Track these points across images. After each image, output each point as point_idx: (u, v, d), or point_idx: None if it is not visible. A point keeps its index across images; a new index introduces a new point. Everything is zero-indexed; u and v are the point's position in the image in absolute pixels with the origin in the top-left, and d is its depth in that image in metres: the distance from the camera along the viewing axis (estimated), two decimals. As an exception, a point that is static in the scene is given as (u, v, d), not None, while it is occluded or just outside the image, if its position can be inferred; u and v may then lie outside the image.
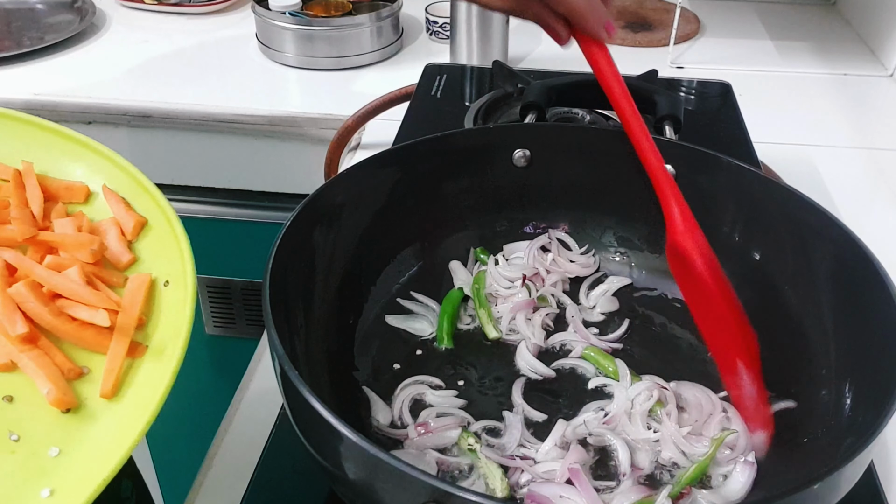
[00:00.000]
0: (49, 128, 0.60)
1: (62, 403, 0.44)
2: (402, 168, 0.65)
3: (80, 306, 0.49)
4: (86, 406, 0.45)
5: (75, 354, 0.48)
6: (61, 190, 0.58)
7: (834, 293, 0.56)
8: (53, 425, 0.44)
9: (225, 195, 1.18)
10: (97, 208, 0.58)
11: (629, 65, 1.23)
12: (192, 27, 1.37)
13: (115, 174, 0.58)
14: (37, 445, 0.43)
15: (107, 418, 0.44)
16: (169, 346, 0.47)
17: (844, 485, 0.42)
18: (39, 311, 0.48)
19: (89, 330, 0.48)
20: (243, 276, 1.24)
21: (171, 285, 0.51)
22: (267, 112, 1.10)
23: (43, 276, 0.50)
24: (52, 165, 0.59)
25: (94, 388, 0.46)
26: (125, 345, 0.47)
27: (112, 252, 0.54)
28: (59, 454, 0.42)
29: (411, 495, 0.38)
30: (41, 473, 0.41)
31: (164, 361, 0.46)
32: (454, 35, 1.16)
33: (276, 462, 0.56)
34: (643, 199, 0.65)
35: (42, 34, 1.29)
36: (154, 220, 0.55)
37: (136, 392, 0.45)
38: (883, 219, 0.91)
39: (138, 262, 0.54)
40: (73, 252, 0.53)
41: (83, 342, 0.48)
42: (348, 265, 0.62)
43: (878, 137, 1.07)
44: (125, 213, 0.56)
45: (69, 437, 0.43)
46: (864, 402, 0.49)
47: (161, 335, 0.48)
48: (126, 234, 0.55)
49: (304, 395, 0.41)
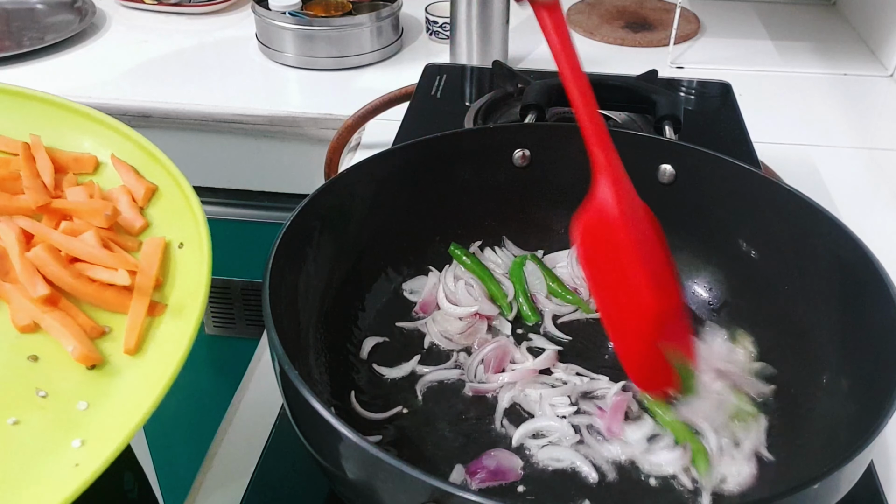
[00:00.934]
0: (54, 102, 0.61)
1: (87, 360, 0.45)
2: (401, 168, 0.65)
3: (98, 268, 0.50)
4: (110, 362, 0.46)
5: (96, 316, 0.49)
6: (70, 161, 0.58)
7: (834, 293, 0.56)
8: (80, 381, 0.45)
9: (225, 195, 1.18)
10: (107, 178, 0.58)
11: (629, 65, 1.24)
12: (192, 27, 1.37)
13: (124, 144, 0.59)
14: (65, 401, 0.44)
15: (132, 373, 0.45)
16: (188, 304, 0.48)
17: (844, 484, 0.42)
18: (59, 274, 0.49)
19: (109, 290, 0.49)
20: (243, 276, 1.24)
21: (186, 247, 0.52)
22: (267, 112, 1.10)
23: (60, 240, 0.51)
24: (59, 139, 0.60)
25: (116, 346, 0.47)
26: (145, 303, 0.48)
27: (124, 218, 0.54)
28: (87, 408, 0.43)
29: (411, 495, 0.38)
30: (71, 426, 0.42)
31: (184, 318, 0.47)
32: (454, 35, 1.16)
33: (276, 462, 0.56)
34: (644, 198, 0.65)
35: (42, 34, 1.29)
36: (164, 187, 0.56)
37: (159, 348, 0.46)
38: (883, 219, 0.91)
39: (151, 227, 0.55)
40: (88, 218, 0.53)
41: (104, 303, 0.49)
42: (348, 265, 0.62)
43: (879, 137, 1.07)
44: (135, 180, 0.56)
45: (96, 391, 0.44)
46: (864, 402, 0.49)
47: (179, 294, 0.49)
48: (137, 200, 0.55)
49: (304, 395, 0.41)
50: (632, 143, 0.65)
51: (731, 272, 0.65)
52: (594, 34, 1.32)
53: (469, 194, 0.69)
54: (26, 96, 0.61)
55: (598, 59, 1.25)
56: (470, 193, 0.69)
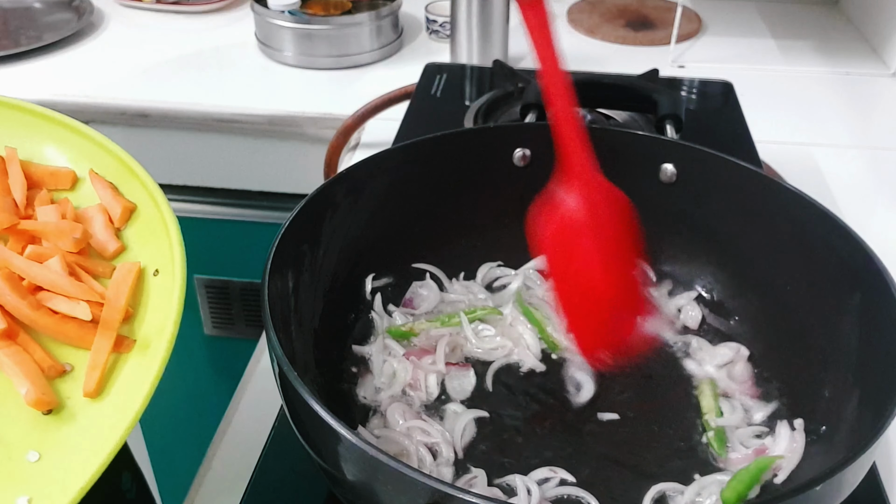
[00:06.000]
0: (34, 111, 0.57)
1: (41, 404, 0.41)
2: (401, 168, 0.64)
3: (61, 299, 0.46)
4: (67, 406, 0.42)
5: (58, 351, 0.45)
6: (46, 176, 0.55)
7: (836, 293, 0.56)
8: (32, 427, 0.41)
9: (224, 195, 1.17)
10: (84, 194, 0.54)
11: (630, 64, 1.24)
12: (191, 26, 1.37)
13: (103, 158, 0.55)
14: (13, 450, 0.40)
15: (88, 419, 0.42)
16: (154, 341, 0.43)
17: (847, 486, 0.41)
18: (17, 305, 0.45)
19: (71, 323, 0.45)
20: (242, 277, 1.24)
21: (161, 274, 0.47)
22: (266, 112, 1.09)
23: (21, 266, 0.47)
24: (36, 151, 0.56)
25: (76, 387, 0.43)
26: (111, 339, 0.44)
27: (98, 240, 0.51)
28: (38, 459, 0.40)
29: (411, 497, 0.38)
30: (18, 480, 0.39)
31: (149, 356, 0.43)
32: (454, 34, 1.16)
33: (276, 463, 0.56)
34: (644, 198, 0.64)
35: (40, 33, 1.28)
36: (143, 206, 0.52)
37: (121, 390, 0.42)
38: (885, 219, 0.91)
39: (127, 250, 0.51)
40: (56, 241, 0.49)
41: (65, 337, 0.45)
42: (348, 265, 0.62)
43: (881, 137, 1.07)
44: (112, 198, 0.52)
45: (49, 439, 0.41)
46: (867, 403, 0.48)
47: (148, 328, 0.45)
48: (114, 220, 0.52)
49: (303, 396, 0.41)
50: (633, 143, 0.65)
51: (731, 272, 0.65)
52: (595, 33, 1.32)
53: (469, 194, 0.68)
54: (6, 105, 0.57)
55: (599, 59, 1.25)
56: (470, 193, 0.68)
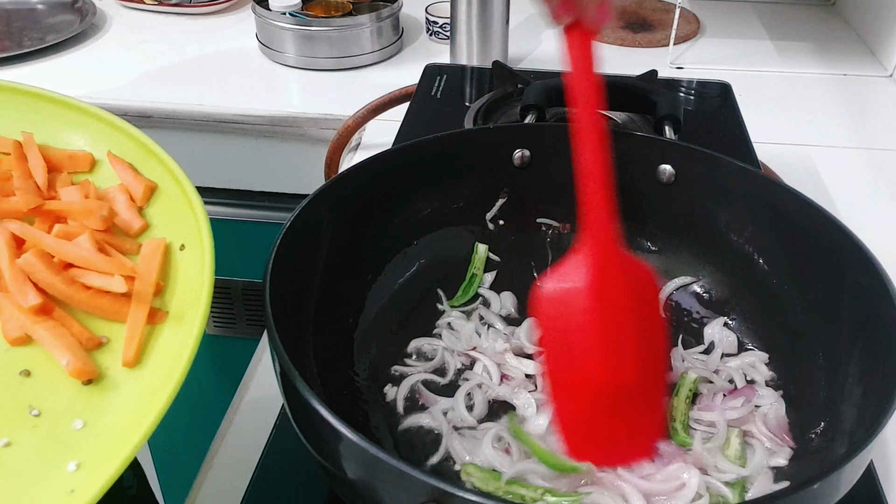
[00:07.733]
0: (48, 97, 0.58)
1: (82, 374, 0.42)
2: (402, 168, 0.65)
3: (93, 274, 0.47)
4: (107, 376, 0.43)
5: (92, 325, 0.46)
6: (64, 160, 0.55)
7: (833, 294, 0.56)
8: (75, 397, 0.42)
9: (225, 195, 1.18)
10: (103, 176, 0.55)
11: (629, 65, 1.24)
12: (193, 27, 1.37)
13: (121, 140, 0.56)
14: (59, 419, 0.41)
15: (130, 387, 0.43)
16: (189, 311, 0.45)
17: (844, 484, 0.42)
18: (51, 281, 0.46)
19: (105, 298, 0.46)
20: (244, 276, 1.24)
21: (187, 249, 0.48)
22: (267, 112, 1.10)
23: (52, 245, 0.48)
24: (53, 136, 0.56)
25: (114, 358, 0.44)
26: (145, 311, 0.45)
27: (122, 219, 0.51)
28: (83, 427, 0.41)
29: (411, 495, 0.38)
30: (66, 447, 0.40)
31: (185, 326, 0.44)
32: (454, 35, 1.16)
33: (276, 462, 0.56)
34: (644, 198, 0.65)
35: (42, 34, 1.29)
36: (164, 185, 0.53)
37: (159, 359, 0.43)
38: (882, 219, 0.91)
39: (150, 228, 0.52)
40: (82, 220, 0.50)
41: (100, 311, 0.46)
42: (348, 265, 0.62)
43: (878, 137, 1.07)
44: (133, 178, 0.53)
45: (92, 408, 0.42)
46: (864, 401, 0.49)
47: (181, 300, 0.46)
48: (135, 200, 0.52)
49: (304, 396, 0.41)
50: (632, 144, 0.65)
51: (730, 272, 0.65)
52: (594, 34, 1.32)
53: (469, 194, 0.69)
54: (18, 91, 0.58)
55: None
56: (470, 193, 0.69)
